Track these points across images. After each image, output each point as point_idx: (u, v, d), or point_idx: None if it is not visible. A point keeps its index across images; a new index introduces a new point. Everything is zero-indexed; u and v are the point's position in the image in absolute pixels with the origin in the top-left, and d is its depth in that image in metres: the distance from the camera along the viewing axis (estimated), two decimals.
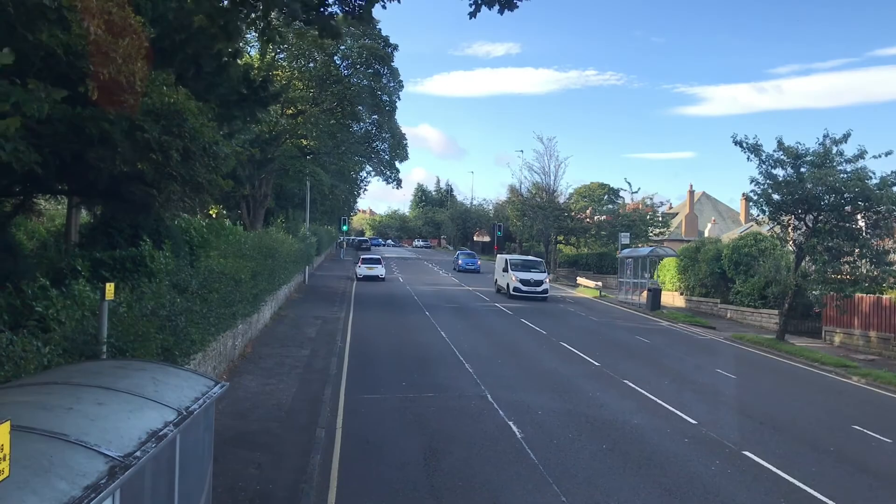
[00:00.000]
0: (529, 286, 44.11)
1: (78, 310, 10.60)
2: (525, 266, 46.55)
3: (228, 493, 10.48)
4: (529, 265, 46.92)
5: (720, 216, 75.62)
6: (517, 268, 45.96)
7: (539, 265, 47.25)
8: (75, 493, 3.38)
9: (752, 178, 30.03)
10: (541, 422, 15.16)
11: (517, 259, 48.53)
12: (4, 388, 5.29)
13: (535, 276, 44.83)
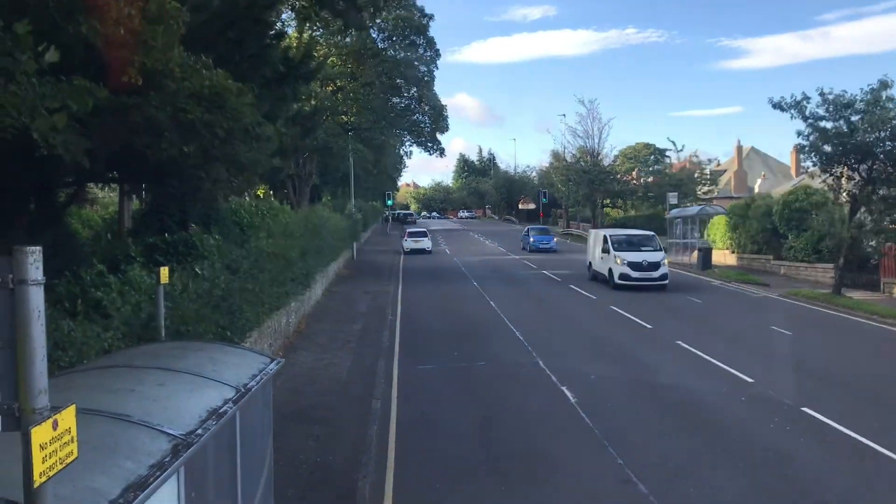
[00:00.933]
0: (642, 271, 31.87)
1: (134, 294, 10.86)
2: (632, 243, 33.56)
3: (289, 466, 10.71)
4: (638, 242, 33.79)
5: (770, 171, 73.93)
6: (621, 246, 33.24)
7: (651, 241, 34.02)
8: (141, 471, 3.48)
9: (800, 131, 29.23)
10: (595, 387, 15.13)
11: (620, 235, 34.97)
12: (69, 373, 5.47)
13: (647, 256, 32.44)
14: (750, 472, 10.39)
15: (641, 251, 32.84)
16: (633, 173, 74.31)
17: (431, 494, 9.88)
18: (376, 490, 10.06)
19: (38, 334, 2.71)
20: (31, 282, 2.70)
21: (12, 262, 2.70)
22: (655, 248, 33.38)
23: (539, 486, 10.04)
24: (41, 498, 2.71)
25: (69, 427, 2.85)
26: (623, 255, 32.41)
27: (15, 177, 12.93)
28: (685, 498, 9.55)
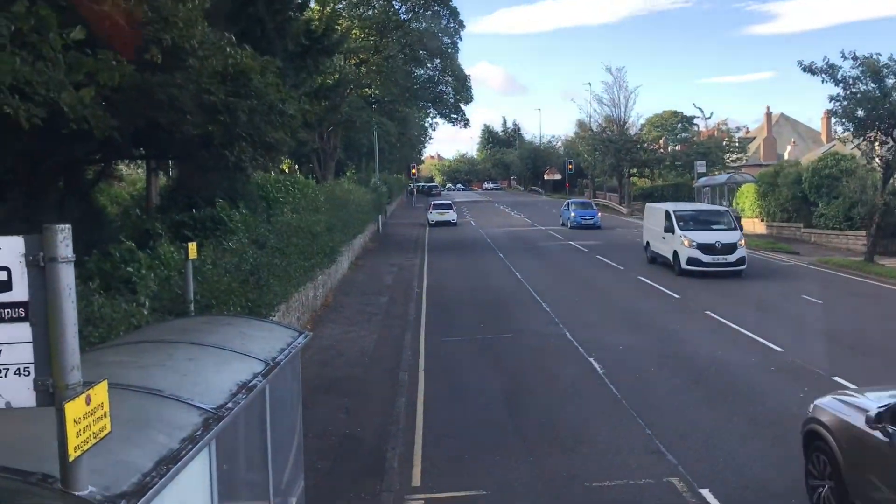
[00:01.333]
0: (714, 254, 25.98)
1: (164, 270, 10.97)
2: (701, 220, 27.90)
3: (319, 438, 10.84)
4: (708, 218, 28.21)
5: (800, 137, 72.67)
6: (688, 224, 27.34)
7: (723, 217, 28.44)
8: (173, 445, 3.53)
9: (832, 96, 28.64)
10: (622, 357, 15.09)
11: (686, 210, 28.99)
12: (101, 349, 5.55)
13: (721, 236, 26.53)
14: (780, 443, 10.33)
15: (713, 230, 26.83)
16: (661, 142, 73.43)
17: (459, 465, 9.95)
18: (405, 461, 10.16)
19: (70, 311, 2.74)
20: (62, 259, 2.73)
21: (42, 240, 2.73)
22: (729, 226, 27.22)
23: (567, 457, 10.08)
24: (76, 471, 2.76)
25: (102, 402, 2.89)
26: (691, 236, 26.32)
27: (44, 154, 13.08)
28: (714, 468, 9.53)
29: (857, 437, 7.43)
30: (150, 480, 3.09)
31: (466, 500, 8.91)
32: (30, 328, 2.78)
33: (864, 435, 7.28)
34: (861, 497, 7.39)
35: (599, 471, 9.58)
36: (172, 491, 3.38)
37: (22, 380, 2.79)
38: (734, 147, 65.52)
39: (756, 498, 8.71)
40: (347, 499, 8.97)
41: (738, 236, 26.83)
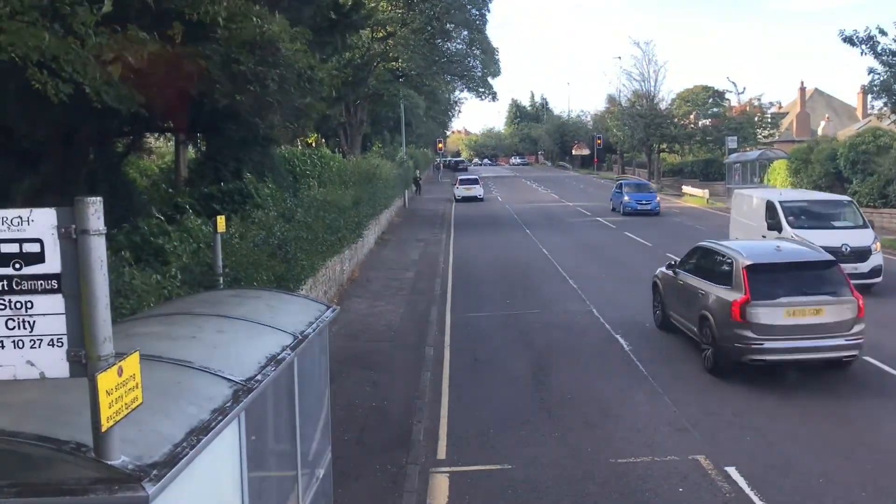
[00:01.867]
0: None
1: (193, 243, 11.07)
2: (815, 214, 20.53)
3: (346, 410, 10.93)
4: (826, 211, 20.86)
5: (834, 113, 71.27)
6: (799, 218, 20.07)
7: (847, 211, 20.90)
8: (203, 416, 3.56)
9: (871, 68, 28.02)
10: (649, 335, 15.01)
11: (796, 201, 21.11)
12: (132, 320, 5.61)
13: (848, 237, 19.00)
14: (808, 422, 10.25)
15: (835, 227, 19.70)
16: (691, 117, 72.42)
17: (485, 438, 9.99)
18: (431, 434, 10.22)
19: (101, 283, 2.77)
20: (93, 232, 2.74)
21: (74, 213, 2.74)
22: (857, 223, 19.92)
23: (592, 432, 10.08)
24: (109, 441, 2.80)
25: (133, 373, 2.92)
26: (808, 236, 17.32)
27: (75, 127, 13.21)
28: (740, 447, 9.48)
29: (666, 278, 15.00)
30: (181, 451, 3.12)
31: (492, 473, 8.95)
32: (62, 300, 2.81)
33: (667, 276, 14.94)
34: (671, 309, 14.71)
35: (625, 447, 9.57)
36: (203, 461, 3.42)
37: (55, 350, 2.82)
38: (766, 122, 64.45)
39: (784, 481, 8.65)
40: (373, 471, 9.05)
41: (871, 237, 19.53)
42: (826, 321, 11.59)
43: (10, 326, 2.81)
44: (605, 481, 8.65)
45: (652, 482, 8.58)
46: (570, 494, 8.37)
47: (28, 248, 2.78)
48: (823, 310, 11.62)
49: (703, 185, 55.73)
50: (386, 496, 8.42)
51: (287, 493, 5.54)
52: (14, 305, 2.81)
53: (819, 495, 8.14)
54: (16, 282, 2.80)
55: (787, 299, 11.56)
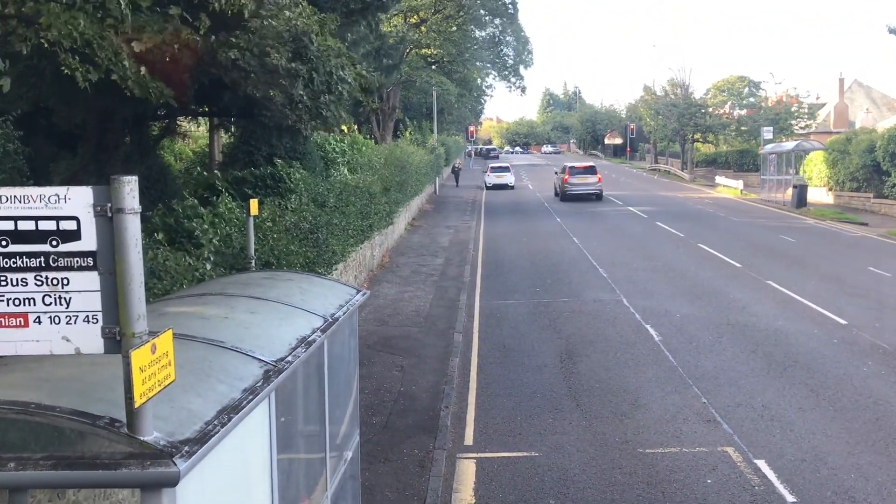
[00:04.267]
0: None
1: (225, 226, 11.17)
2: None
3: (374, 394, 11.00)
4: None
5: (874, 104, 69.79)
6: None
7: None
8: (234, 395, 3.59)
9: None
10: (679, 325, 14.89)
11: None
12: (165, 300, 5.68)
13: None
14: (840, 416, 10.11)
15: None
16: (727, 107, 71.40)
17: (512, 425, 10.00)
18: (458, 419, 10.26)
19: (136, 261, 2.79)
20: (129, 210, 2.77)
21: (110, 191, 2.77)
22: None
23: (620, 422, 10.03)
24: (142, 417, 2.83)
25: (166, 351, 2.95)
26: None
27: (111, 111, 13.36)
28: (770, 440, 9.38)
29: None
30: (213, 429, 3.15)
31: (519, 460, 8.96)
32: (98, 277, 2.84)
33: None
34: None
35: (653, 437, 9.52)
36: (233, 440, 3.45)
37: (90, 327, 2.86)
38: (803, 114, 63.36)
39: (815, 476, 8.55)
40: (400, 455, 9.11)
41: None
42: None
43: (47, 302, 2.86)
44: (632, 471, 8.62)
45: (680, 473, 8.53)
46: (597, 483, 8.35)
47: (65, 226, 2.82)
48: None
49: (737, 176, 55.03)
50: (413, 480, 8.47)
51: (315, 475, 5.58)
52: (51, 282, 2.85)
53: (851, 490, 8.04)
54: (52, 258, 2.84)
55: None
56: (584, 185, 44.01)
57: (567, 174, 44.81)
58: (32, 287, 2.85)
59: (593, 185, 44.17)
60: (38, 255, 2.84)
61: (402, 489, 8.30)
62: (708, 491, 8.11)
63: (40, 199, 2.80)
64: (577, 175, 44.58)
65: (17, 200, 2.81)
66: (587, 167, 46.45)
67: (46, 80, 11.45)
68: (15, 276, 2.85)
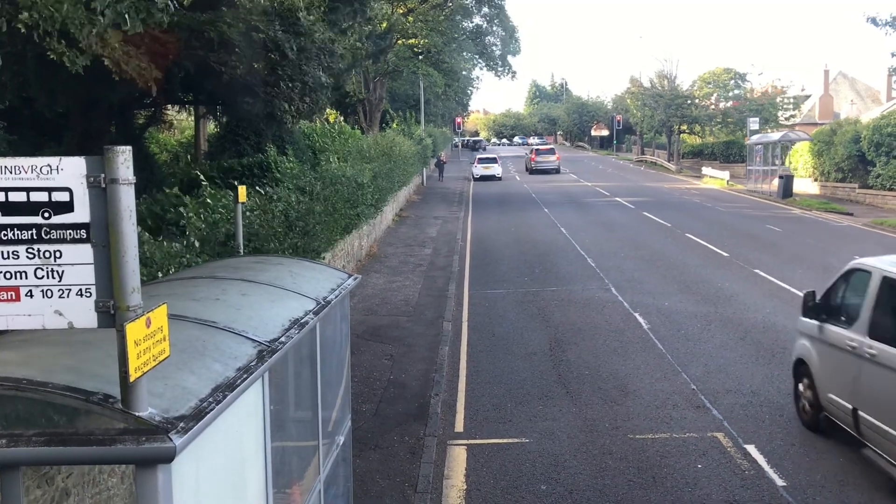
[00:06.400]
0: None
1: (212, 214, 11.09)
2: None
3: (364, 382, 10.97)
4: None
5: (859, 96, 70.17)
6: None
7: None
8: (229, 374, 3.56)
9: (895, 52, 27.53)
10: (667, 313, 14.93)
11: None
12: (156, 283, 5.63)
13: None
14: None
15: None
16: (713, 98, 71.59)
17: (502, 413, 10.00)
18: (448, 407, 10.25)
19: (130, 233, 2.74)
20: (123, 181, 2.72)
21: (104, 162, 2.72)
22: None
23: (610, 408, 10.05)
24: (136, 392, 2.79)
25: (161, 325, 2.91)
26: None
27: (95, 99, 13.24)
28: (759, 425, 9.43)
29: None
30: (208, 406, 3.11)
31: (509, 447, 8.96)
32: (91, 249, 2.79)
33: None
34: None
35: (643, 423, 9.55)
36: (227, 419, 3.42)
37: (84, 300, 2.81)
38: (788, 104, 63.65)
39: (805, 460, 8.59)
40: (391, 442, 9.09)
41: None
42: None
43: (39, 276, 2.80)
44: (622, 456, 8.63)
45: (670, 458, 8.55)
46: (587, 469, 8.37)
47: (57, 197, 2.76)
48: None
49: (724, 167, 55.27)
50: (404, 466, 8.45)
51: (308, 459, 5.55)
52: (43, 254, 2.79)
53: (841, 474, 8.08)
54: (45, 231, 2.78)
55: None
56: (546, 162, 60.94)
57: (533, 154, 63.40)
58: (24, 260, 2.80)
59: (553, 163, 61.11)
60: (29, 228, 2.78)
61: (393, 476, 8.28)
62: (699, 476, 8.14)
63: (32, 170, 2.75)
64: (541, 155, 62.41)
65: (8, 171, 2.75)
66: (548, 149, 65.60)
67: (30, 68, 11.32)
68: (6, 248, 2.79)
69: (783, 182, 38.58)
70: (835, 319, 8.74)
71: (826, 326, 8.78)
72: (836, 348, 8.50)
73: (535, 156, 62.50)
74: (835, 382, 8.53)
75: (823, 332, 8.85)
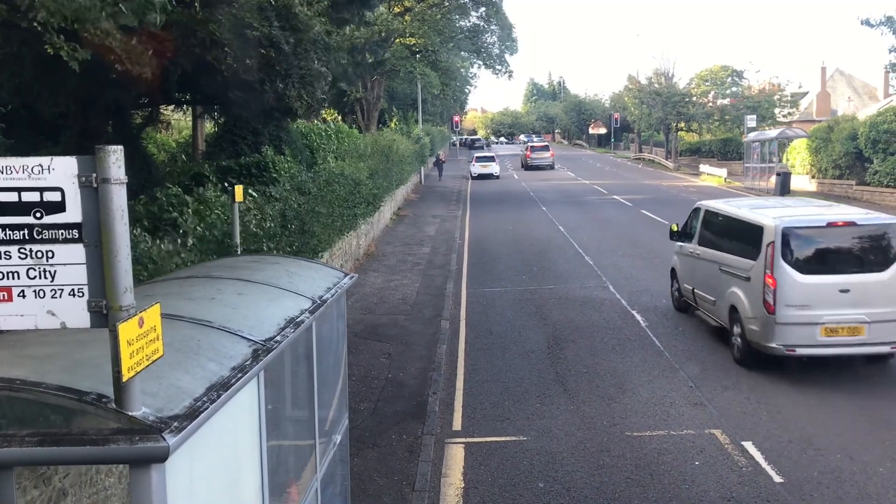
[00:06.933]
0: None
1: (209, 214, 11.08)
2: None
3: (362, 381, 10.97)
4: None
5: (856, 93, 70.20)
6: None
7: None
8: (224, 373, 3.55)
9: (892, 48, 27.58)
10: (666, 311, 14.93)
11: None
12: (151, 283, 5.62)
13: None
14: (827, 401, 10.18)
15: None
16: (710, 96, 71.58)
17: (500, 410, 10.00)
18: (446, 405, 10.25)
19: (123, 233, 2.74)
20: (114, 180, 2.72)
21: (96, 161, 2.72)
22: None
23: (608, 405, 10.06)
24: (130, 392, 2.79)
25: (154, 325, 2.91)
26: None
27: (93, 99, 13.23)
28: (757, 422, 9.43)
29: None
30: (202, 405, 3.11)
31: (507, 445, 8.96)
32: (83, 249, 2.79)
33: None
34: None
35: (641, 421, 9.55)
36: (222, 418, 3.42)
37: (76, 301, 2.81)
38: (786, 102, 63.66)
39: (802, 457, 8.60)
40: (389, 440, 9.09)
41: None
42: None
43: (32, 276, 2.80)
44: (620, 454, 8.64)
45: (668, 455, 8.56)
46: (585, 466, 8.37)
47: (49, 197, 2.76)
48: None
49: (721, 165, 55.25)
50: (402, 465, 8.45)
51: (305, 458, 5.55)
52: (35, 255, 2.79)
53: (837, 470, 8.10)
54: (36, 231, 2.78)
55: None
56: (541, 158, 63.75)
57: (529, 151, 66.44)
58: (16, 260, 2.80)
59: (547, 159, 63.84)
60: (21, 228, 2.78)
61: (391, 474, 8.28)
62: (696, 472, 8.14)
63: (23, 170, 2.75)
64: (536, 152, 65.26)
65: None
66: (543, 146, 68.47)
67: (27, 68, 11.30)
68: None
69: (781, 179, 38.58)
70: (686, 239, 14.20)
71: (682, 244, 14.41)
72: (685, 255, 14.16)
73: (531, 152, 65.35)
74: (685, 276, 14.20)
75: (681, 248, 14.42)
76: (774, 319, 10.63)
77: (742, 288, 11.48)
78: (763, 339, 10.87)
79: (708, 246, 13.03)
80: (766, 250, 10.86)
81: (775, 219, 11.09)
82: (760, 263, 10.98)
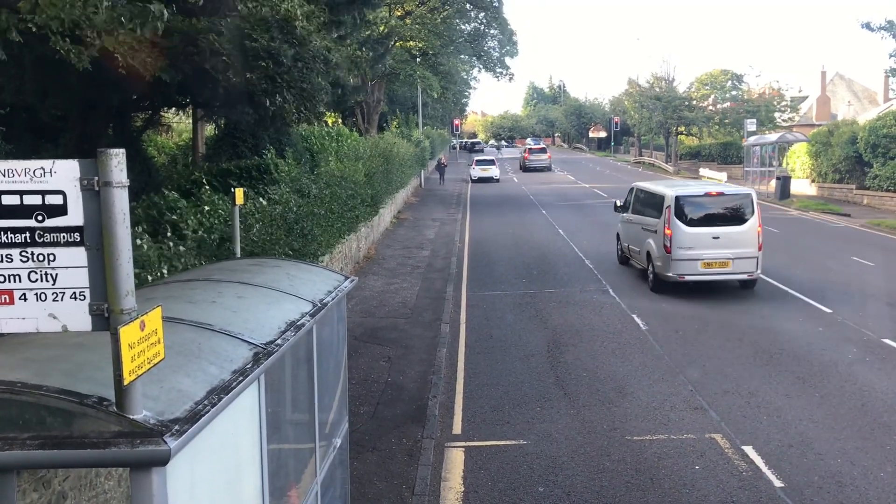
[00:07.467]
0: None
1: (209, 217, 11.08)
2: None
3: (362, 385, 10.96)
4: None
5: (856, 97, 70.22)
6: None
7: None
8: (224, 376, 3.55)
9: (893, 51, 27.62)
10: (666, 315, 14.93)
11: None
12: (151, 286, 5.62)
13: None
14: (826, 402, 10.18)
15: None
16: (710, 100, 71.61)
17: (500, 415, 9.99)
18: (446, 409, 10.24)
19: (124, 236, 2.74)
20: (116, 184, 2.71)
21: (97, 164, 2.71)
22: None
23: (608, 410, 10.05)
24: (131, 395, 2.78)
25: (156, 328, 2.90)
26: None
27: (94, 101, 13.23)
28: (757, 426, 9.43)
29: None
30: (203, 408, 3.11)
31: (507, 449, 8.96)
32: (85, 252, 2.78)
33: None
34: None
35: (641, 425, 9.54)
36: (223, 421, 3.42)
37: (78, 304, 2.81)
38: (786, 106, 63.69)
39: (802, 461, 8.59)
40: (389, 444, 9.08)
41: None
42: None
43: (33, 279, 2.80)
44: (620, 458, 8.63)
45: (668, 460, 8.55)
46: (585, 470, 8.36)
47: (51, 200, 2.76)
48: None
49: (721, 169, 55.29)
50: (402, 469, 8.44)
51: (305, 461, 5.55)
52: (37, 258, 2.79)
53: (838, 475, 8.09)
54: (38, 234, 2.78)
55: None
56: (538, 160, 66.56)
57: (527, 153, 70.19)
58: (18, 263, 2.80)
59: (544, 161, 66.59)
60: (23, 231, 2.78)
61: (390, 478, 8.27)
62: (696, 477, 8.14)
63: (25, 173, 2.74)
64: (534, 154, 68.75)
65: (1, 174, 2.75)
66: (540, 149, 72.41)
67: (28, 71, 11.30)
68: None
69: (780, 183, 38.60)
70: (624, 210, 19.51)
71: (622, 214, 19.63)
72: (624, 222, 19.45)
73: (529, 154, 69.02)
74: (624, 237, 19.50)
75: (622, 217, 19.63)
76: (671, 257, 15.85)
77: (653, 238, 16.67)
78: (664, 271, 16.19)
79: (636, 213, 18.36)
80: (666, 212, 16.08)
81: (673, 190, 16.52)
82: (662, 221, 16.15)
